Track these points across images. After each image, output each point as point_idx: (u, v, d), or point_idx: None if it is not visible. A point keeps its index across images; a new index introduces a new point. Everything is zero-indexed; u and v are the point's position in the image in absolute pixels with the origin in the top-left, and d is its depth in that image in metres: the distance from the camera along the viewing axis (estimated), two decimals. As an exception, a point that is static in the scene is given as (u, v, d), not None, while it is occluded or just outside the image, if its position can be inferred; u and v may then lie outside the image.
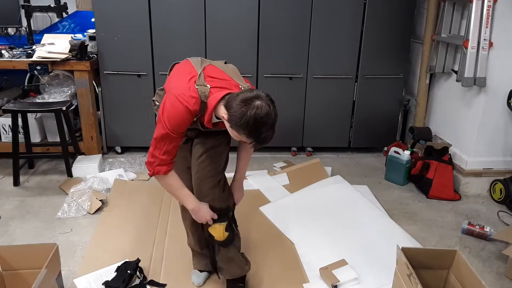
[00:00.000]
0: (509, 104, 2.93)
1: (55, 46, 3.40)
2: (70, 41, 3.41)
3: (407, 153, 3.29)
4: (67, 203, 2.80)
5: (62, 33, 3.98)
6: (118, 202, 2.88)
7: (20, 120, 3.13)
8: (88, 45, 3.49)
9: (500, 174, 3.12)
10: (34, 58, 3.25)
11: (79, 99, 3.44)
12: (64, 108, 3.06)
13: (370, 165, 3.70)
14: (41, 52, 3.28)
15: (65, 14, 3.73)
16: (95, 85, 3.59)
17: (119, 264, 2.17)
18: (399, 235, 2.53)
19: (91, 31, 3.70)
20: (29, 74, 3.76)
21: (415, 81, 3.80)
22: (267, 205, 2.89)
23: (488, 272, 2.29)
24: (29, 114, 3.23)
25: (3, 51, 3.38)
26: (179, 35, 3.44)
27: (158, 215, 2.74)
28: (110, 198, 2.92)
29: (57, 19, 3.94)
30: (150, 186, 3.14)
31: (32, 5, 3.62)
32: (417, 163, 3.29)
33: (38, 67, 3.24)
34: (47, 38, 3.57)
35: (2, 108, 3.13)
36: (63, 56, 3.26)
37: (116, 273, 2.11)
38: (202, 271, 2.14)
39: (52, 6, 3.59)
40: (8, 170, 3.24)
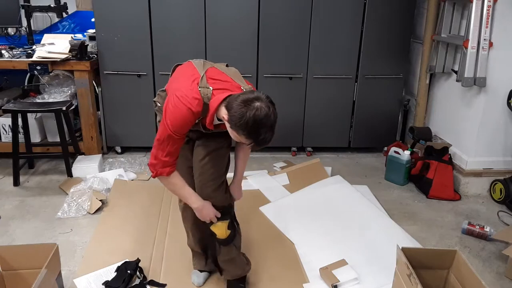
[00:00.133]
0: (509, 104, 2.93)
1: (55, 46, 3.40)
2: (70, 41, 3.41)
3: (407, 153, 3.29)
4: (67, 203, 2.80)
5: (62, 33, 3.98)
6: (118, 202, 2.88)
7: (20, 120, 3.13)
8: (88, 45, 3.49)
9: (500, 174, 3.12)
10: (34, 58, 3.25)
11: (79, 99, 3.44)
12: (64, 108, 3.06)
13: (370, 165, 3.70)
14: (41, 52, 3.28)
15: (65, 14, 3.73)
16: (95, 85, 3.59)
17: (119, 264, 2.17)
18: (399, 235, 2.53)
19: (91, 31, 3.70)
20: (29, 74, 3.77)
21: (415, 81, 3.80)
22: (267, 205, 2.89)
23: (488, 272, 2.29)
24: (29, 114, 3.23)
25: (3, 51, 3.38)
26: (179, 35, 3.44)
27: (158, 215, 2.74)
28: (110, 198, 2.92)
29: (57, 19, 3.94)
30: (150, 186, 3.14)
31: (32, 5, 3.62)
32: (417, 163, 3.29)
33: (38, 67, 3.24)
34: (47, 38, 3.57)
35: (2, 108, 3.13)
36: (63, 56, 3.26)
37: (116, 273, 2.11)
38: (202, 271, 2.14)
39: (52, 6, 3.59)
40: (8, 170, 3.24)
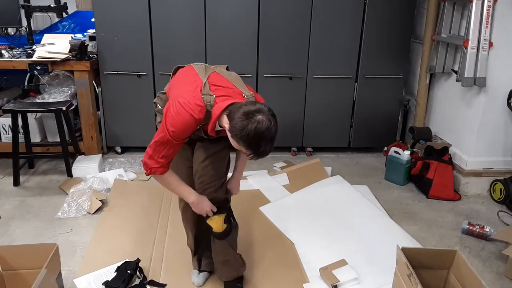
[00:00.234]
0: (509, 104, 2.93)
1: (55, 46, 3.40)
2: (70, 41, 3.41)
3: (407, 153, 3.29)
4: (67, 203, 2.80)
5: (62, 33, 3.98)
6: (118, 202, 2.88)
7: (20, 120, 3.13)
8: (88, 45, 3.49)
9: (500, 174, 3.12)
10: (34, 58, 3.25)
11: (79, 99, 3.44)
12: (64, 108, 3.06)
13: (370, 165, 3.70)
14: (41, 52, 3.28)
15: (65, 14, 3.73)
16: (95, 85, 3.59)
17: (119, 264, 2.17)
18: (399, 235, 2.53)
19: (91, 31, 3.70)
20: (29, 74, 3.76)
21: (415, 81, 3.80)
22: (267, 205, 2.89)
23: (488, 272, 2.29)
24: (29, 114, 3.23)
25: (3, 51, 3.38)
26: (179, 35, 3.44)
27: (158, 215, 2.74)
28: (110, 198, 2.92)
29: (57, 19, 3.94)
30: (150, 186, 3.14)
31: (32, 5, 3.62)
32: (417, 163, 3.29)
33: (38, 67, 3.24)
34: (47, 38, 3.57)
35: (2, 108, 3.13)
36: (63, 56, 3.26)
37: (116, 273, 2.11)
38: (202, 271, 2.14)
39: (52, 6, 3.59)
40: (8, 170, 3.24)
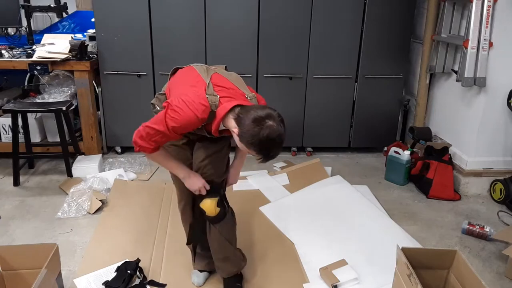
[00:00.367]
0: (509, 104, 2.93)
1: (55, 46, 3.40)
2: (70, 41, 3.41)
3: (407, 153, 3.29)
4: (67, 203, 2.80)
5: (62, 33, 3.98)
6: (118, 202, 2.88)
7: (20, 120, 3.13)
8: (88, 45, 3.49)
9: (500, 174, 3.12)
10: (34, 58, 3.25)
11: (79, 99, 3.44)
12: (64, 108, 3.06)
13: (370, 165, 3.70)
14: (41, 52, 3.28)
15: (65, 14, 3.73)
16: (95, 85, 3.59)
17: (119, 264, 2.17)
18: (399, 235, 2.53)
19: (91, 31, 3.70)
20: (29, 74, 3.76)
21: (415, 81, 3.80)
22: (267, 205, 2.89)
23: (488, 272, 2.29)
24: (29, 114, 3.23)
25: (3, 51, 3.38)
26: (179, 35, 3.44)
27: (158, 215, 2.74)
28: (110, 198, 2.92)
29: (57, 19, 3.94)
30: (150, 186, 3.14)
31: (32, 5, 3.62)
32: (417, 163, 3.29)
33: (38, 67, 3.24)
34: (47, 38, 3.57)
35: (2, 108, 3.13)
36: (63, 56, 3.26)
37: (116, 273, 2.11)
38: (202, 271, 2.14)
39: (52, 6, 3.59)
40: (8, 170, 3.24)
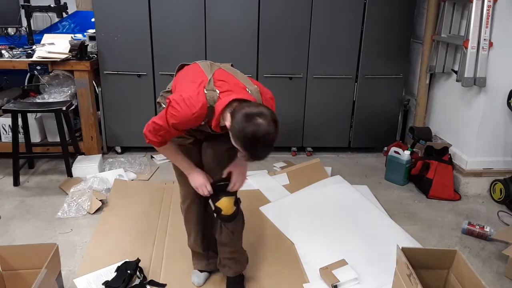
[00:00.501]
0: (509, 104, 2.93)
1: (55, 46, 3.40)
2: (70, 41, 3.41)
3: (407, 153, 3.29)
4: (67, 203, 2.79)
5: (62, 33, 3.98)
6: (118, 202, 2.88)
7: (20, 120, 3.13)
8: (88, 45, 3.49)
9: (500, 174, 3.12)
10: (34, 58, 3.25)
11: (79, 99, 3.44)
12: (64, 108, 3.06)
13: (370, 165, 3.70)
14: (41, 52, 3.27)
15: (65, 14, 3.73)
16: (95, 85, 3.59)
17: (119, 264, 2.17)
18: (399, 235, 2.53)
19: (91, 31, 3.70)
20: (29, 74, 3.76)
21: (415, 81, 3.80)
22: (267, 205, 2.89)
23: (488, 272, 2.29)
24: (29, 114, 3.23)
25: (3, 51, 3.38)
26: (179, 35, 3.44)
27: (158, 215, 2.74)
28: (110, 198, 2.92)
29: (57, 19, 3.94)
30: (150, 186, 3.14)
31: (32, 5, 3.62)
32: (417, 163, 3.29)
33: (38, 67, 3.24)
34: (47, 38, 3.57)
35: (2, 108, 3.13)
36: (63, 56, 3.26)
37: (116, 273, 2.11)
38: (202, 271, 2.14)
39: (52, 6, 3.59)
40: (8, 170, 3.24)
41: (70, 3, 3.80)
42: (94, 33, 3.50)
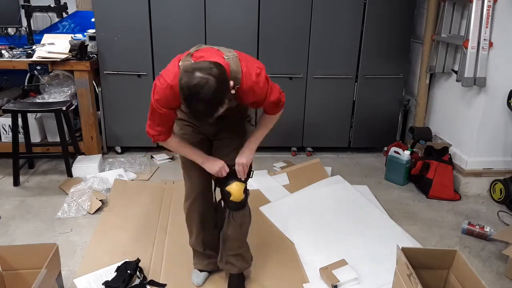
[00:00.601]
0: (509, 104, 2.93)
1: (55, 46, 3.40)
2: (70, 41, 3.41)
3: (407, 153, 3.29)
4: (67, 203, 2.79)
5: (62, 33, 3.98)
6: (118, 202, 2.88)
7: (20, 120, 3.13)
8: (88, 45, 3.49)
9: (500, 174, 3.12)
10: (34, 58, 3.25)
11: (79, 99, 3.44)
12: (64, 108, 3.06)
13: (370, 165, 3.70)
14: (41, 52, 3.27)
15: (65, 14, 3.73)
16: (95, 85, 3.59)
17: (119, 264, 2.17)
18: (399, 235, 2.53)
19: (91, 31, 3.70)
20: (29, 74, 3.77)
21: (415, 81, 3.80)
22: (267, 205, 2.89)
23: (488, 272, 2.29)
24: (29, 114, 3.23)
25: (3, 51, 3.38)
26: (179, 35, 3.44)
27: (158, 215, 2.74)
28: (110, 198, 2.92)
29: (57, 19, 3.94)
30: (150, 186, 3.14)
31: (32, 5, 3.62)
32: (417, 163, 3.29)
33: (38, 67, 3.24)
34: (47, 38, 3.57)
35: (2, 108, 3.13)
36: (63, 56, 3.26)
37: (116, 273, 2.11)
38: (202, 271, 2.14)
39: (52, 6, 3.59)
40: (8, 170, 3.24)
41: (70, 3, 3.80)
42: (94, 33, 3.50)
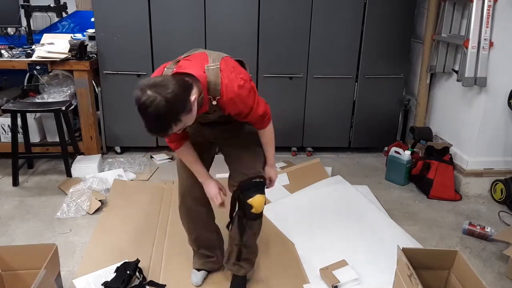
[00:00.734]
0: (509, 104, 2.92)
1: (55, 46, 3.39)
2: (69, 41, 3.40)
3: (408, 153, 3.28)
4: (67, 203, 2.79)
5: (61, 33, 3.97)
6: (117, 203, 2.88)
7: (19, 120, 3.12)
8: (87, 45, 3.49)
9: (500, 174, 3.12)
10: (34, 58, 3.24)
11: (79, 99, 3.43)
12: (63, 108, 3.05)
13: (371, 165, 3.69)
14: (40, 52, 3.27)
15: (64, 14, 3.73)
16: (95, 85, 3.58)
17: (119, 264, 2.16)
18: (400, 236, 2.52)
19: (91, 31, 3.69)
20: (28, 74, 3.75)
21: (416, 81, 3.79)
22: (267, 205, 2.86)
23: (489, 272, 2.29)
24: (28, 114, 3.22)
25: (3, 51, 3.38)
26: (179, 35, 3.43)
27: (158, 215, 2.74)
28: (110, 198, 2.91)
29: (56, 19, 3.93)
30: (149, 186, 3.13)
31: (31, 4, 3.62)
32: (417, 163, 3.28)
33: (38, 67, 3.23)
34: (47, 38, 3.57)
35: (2, 108, 3.12)
36: (63, 56, 3.25)
37: (115, 273, 2.10)
38: (199, 270, 2.14)
39: (51, 6, 3.59)
40: (7, 170, 3.24)
41: (69, 3, 3.80)
42: (94, 33, 3.50)
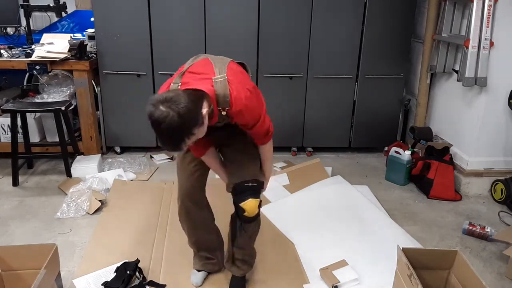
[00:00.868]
0: (510, 104, 2.92)
1: (54, 45, 3.39)
2: (69, 40, 3.40)
3: (408, 153, 3.28)
4: (66, 203, 2.79)
5: (61, 32, 3.97)
6: (117, 203, 2.87)
7: (19, 120, 3.12)
8: (87, 44, 3.48)
9: (501, 174, 3.11)
10: (33, 58, 3.24)
11: (78, 99, 3.43)
12: (63, 108, 3.05)
13: (371, 165, 3.69)
14: (40, 51, 3.27)
15: (64, 14, 3.73)
16: (94, 85, 3.58)
17: (119, 264, 2.16)
18: (400, 236, 2.52)
19: (91, 31, 3.69)
20: (28, 74, 3.75)
21: (416, 80, 3.79)
22: (267, 205, 2.88)
23: (489, 272, 2.28)
24: (28, 114, 3.22)
25: (2, 51, 3.37)
26: (179, 34, 3.43)
27: (158, 215, 2.73)
28: (109, 198, 2.91)
29: (56, 19, 3.93)
30: (149, 186, 3.13)
31: (31, 4, 3.62)
32: (417, 163, 3.28)
33: (37, 67, 3.23)
34: (46, 37, 3.56)
35: (1, 108, 3.12)
36: (62, 55, 3.25)
37: (115, 273, 2.10)
38: (199, 271, 2.14)
39: (51, 5, 3.59)
40: (7, 170, 3.23)
41: (69, 3, 3.80)
42: (94, 32, 3.49)
